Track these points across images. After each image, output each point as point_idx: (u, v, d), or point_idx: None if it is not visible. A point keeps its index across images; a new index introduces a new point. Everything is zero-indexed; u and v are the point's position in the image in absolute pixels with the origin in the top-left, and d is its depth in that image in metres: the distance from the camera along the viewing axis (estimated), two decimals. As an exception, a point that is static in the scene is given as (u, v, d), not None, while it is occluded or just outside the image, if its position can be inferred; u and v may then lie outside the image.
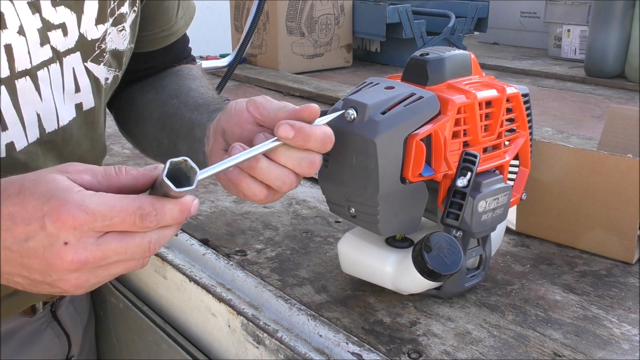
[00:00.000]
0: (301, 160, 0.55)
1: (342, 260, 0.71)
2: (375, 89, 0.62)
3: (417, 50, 0.66)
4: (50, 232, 0.45)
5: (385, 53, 2.35)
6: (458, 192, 0.61)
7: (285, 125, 0.54)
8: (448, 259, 0.59)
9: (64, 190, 0.45)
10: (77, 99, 0.66)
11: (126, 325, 0.90)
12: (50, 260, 0.46)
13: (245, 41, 1.34)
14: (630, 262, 0.77)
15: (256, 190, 0.56)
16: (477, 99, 0.62)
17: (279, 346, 0.64)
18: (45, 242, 0.45)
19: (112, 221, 0.45)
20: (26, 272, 0.48)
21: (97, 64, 0.68)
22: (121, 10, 0.69)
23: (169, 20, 0.81)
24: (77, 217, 0.44)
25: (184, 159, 0.46)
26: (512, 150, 0.69)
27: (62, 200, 0.45)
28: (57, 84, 0.64)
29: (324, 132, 0.56)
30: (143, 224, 0.46)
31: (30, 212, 0.45)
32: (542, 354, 0.60)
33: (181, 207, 0.47)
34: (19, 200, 0.46)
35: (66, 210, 0.44)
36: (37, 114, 0.62)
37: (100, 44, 0.67)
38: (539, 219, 0.83)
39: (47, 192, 0.45)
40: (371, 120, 0.58)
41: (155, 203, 0.46)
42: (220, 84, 1.38)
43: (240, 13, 2.25)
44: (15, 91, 0.59)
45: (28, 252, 0.46)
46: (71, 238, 0.45)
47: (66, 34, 0.63)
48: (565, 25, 2.39)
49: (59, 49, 0.63)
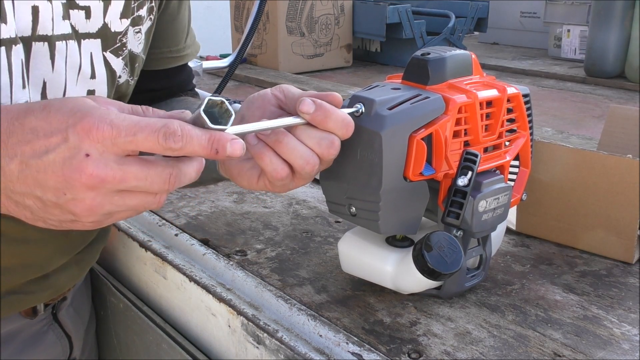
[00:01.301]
0: (321, 139, 0.55)
1: (342, 259, 0.71)
2: (382, 89, 0.63)
3: (418, 50, 0.66)
4: (73, 144, 0.44)
5: (385, 53, 2.35)
6: (459, 191, 0.61)
7: (307, 100, 0.55)
8: (448, 258, 0.59)
9: (91, 106, 0.45)
10: (90, 85, 0.67)
11: (126, 325, 0.90)
12: (68, 175, 0.45)
13: (246, 42, 1.34)
14: (630, 262, 0.77)
15: (278, 166, 0.55)
16: (478, 99, 0.62)
17: (279, 346, 0.64)
18: (66, 154, 0.44)
19: (136, 137, 0.44)
20: (39, 191, 0.46)
21: (116, 57, 0.69)
22: (140, 13, 0.70)
23: (177, 42, 0.83)
24: (100, 129, 0.44)
25: (221, 100, 0.45)
26: (513, 150, 0.69)
27: (87, 113, 0.44)
28: (73, 62, 0.64)
29: (344, 114, 0.56)
30: (167, 144, 0.44)
31: (54, 125, 0.45)
32: (542, 354, 0.60)
33: (211, 137, 0.46)
34: (44, 115, 0.45)
35: (90, 122, 0.44)
36: (43, 80, 0.62)
37: (122, 37, 0.69)
38: (539, 219, 0.83)
39: (74, 107, 0.45)
40: (378, 115, 0.59)
41: (184, 125, 0.45)
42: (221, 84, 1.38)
43: (240, 13, 2.25)
44: (30, 52, 0.60)
45: (45, 166, 0.45)
46: (93, 151, 0.44)
47: (89, 18, 0.65)
48: (565, 25, 2.39)
49: (78, 29, 0.64)
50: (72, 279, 0.79)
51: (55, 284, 0.75)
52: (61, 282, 0.76)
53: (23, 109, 0.47)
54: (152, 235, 0.88)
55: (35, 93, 0.63)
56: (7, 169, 0.46)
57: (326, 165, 0.58)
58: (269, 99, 0.60)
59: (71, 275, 0.78)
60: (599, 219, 0.78)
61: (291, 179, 0.57)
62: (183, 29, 0.84)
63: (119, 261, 0.94)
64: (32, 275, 0.71)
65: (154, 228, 0.90)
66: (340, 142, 0.58)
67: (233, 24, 2.30)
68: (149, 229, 0.90)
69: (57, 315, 0.80)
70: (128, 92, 0.75)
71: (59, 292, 0.78)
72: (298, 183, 0.58)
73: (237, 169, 0.60)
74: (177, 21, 0.82)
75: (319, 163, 0.56)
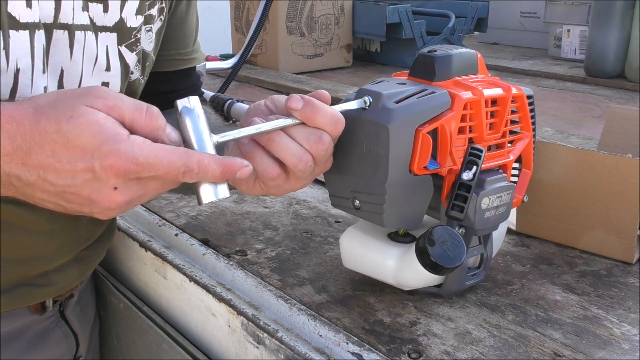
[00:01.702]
0: (309, 134, 0.56)
1: (343, 254, 0.71)
2: (388, 83, 0.63)
3: (425, 47, 0.67)
4: (99, 177, 0.48)
5: (385, 53, 2.35)
6: (463, 185, 0.62)
7: (295, 96, 0.55)
8: (451, 252, 0.59)
9: (114, 139, 0.48)
10: (105, 78, 0.69)
11: (126, 325, 0.90)
12: (95, 199, 0.49)
13: (250, 44, 1.34)
14: (630, 262, 0.77)
15: (269, 165, 0.56)
16: (483, 96, 0.63)
17: (279, 346, 0.64)
18: (94, 185, 0.48)
19: (158, 172, 0.49)
20: (63, 202, 0.50)
21: (131, 51, 0.71)
22: (151, 12, 0.72)
23: (186, 45, 0.85)
24: (128, 168, 0.48)
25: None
26: (516, 150, 0.69)
27: (114, 149, 0.47)
28: (90, 53, 0.66)
29: (334, 111, 0.57)
30: (184, 179, 0.50)
31: (77, 154, 0.48)
32: (542, 354, 0.60)
33: (224, 170, 0.50)
34: (62, 140, 0.47)
35: (117, 161, 0.47)
36: (61, 68, 0.64)
37: (136, 33, 0.71)
38: (539, 219, 0.83)
39: (94, 137, 0.47)
40: (385, 108, 0.59)
41: (202, 162, 0.50)
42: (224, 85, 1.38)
43: (240, 13, 2.25)
44: (51, 39, 0.62)
45: (72, 190, 0.49)
46: (120, 183, 0.49)
47: (106, 12, 0.67)
48: (565, 25, 2.39)
49: (95, 22, 0.66)
50: (79, 275, 0.79)
51: (63, 279, 0.76)
52: (69, 277, 0.77)
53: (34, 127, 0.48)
54: (152, 235, 0.88)
55: (53, 80, 0.64)
56: (27, 180, 0.49)
57: (322, 165, 0.58)
58: (262, 110, 0.61)
59: (78, 272, 0.78)
60: (599, 219, 0.78)
61: (285, 179, 0.57)
62: (191, 33, 0.86)
63: (119, 261, 0.94)
64: (39, 268, 0.72)
65: (154, 228, 0.90)
66: (345, 137, 0.58)
67: (233, 24, 2.30)
68: (149, 229, 0.90)
69: (64, 313, 0.81)
70: (138, 91, 0.76)
71: (66, 288, 0.78)
72: (294, 184, 0.58)
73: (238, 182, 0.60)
74: (185, 24, 0.83)
75: (312, 161, 0.56)
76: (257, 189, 0.59)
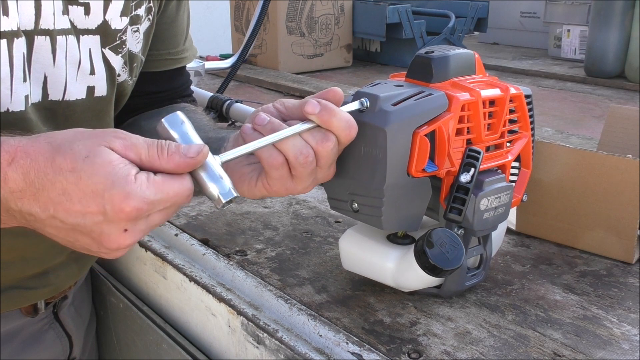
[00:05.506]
0: (315, 132, 0.56)
1: (343, 256, 0.71)
2: (385, 85, 0.63)
3: (422, 49, 0.67)
4: (110, 218, 0.48)
5: (385, 53, 2.35)
6: (461, 188, 0.61)
7: (312, 101, 0.56)
8: (450, 254, 0.59)
9: (125, 181, 0.48)
10: (90, 81, 0.68)
11: (126, 325, 0.90)
12: (103, 241, 0.50)
13: (248, 43, 1.34)
14: (630, 262, 0.77)
15: (274, 151, 0.56)
16: (481, 97, 0.63)
17: (279, 346, 0.64)
18: (104, 227, 0.49)
19: (166, 205, 0.50)
20: (71, 239, 0.51)
21: (116, 54, 0.70)
22: (137, 12, 0.71)
23: (176, 45, 0.84)
24: (140, 209, 0.48)
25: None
26: (514, 150, 0.69)
27: (125, 193, 0.47)
28: (72, 57, 0.65)
29: (348, 116, 0.57)
30: (189, 202, 0.52)
31: (88, 195, 0.48)
32: (542, 354, 0.60)
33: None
34: (74, 179, 0.48)
35: (128, 204, 0.48)
36: (44, 75, 0.64)
37: (121, 35, 0.69)
38: (539, 219, 0.83)
39: (106, 178, 0.48)
40: (382, 111, 0.59)
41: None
42: (223, 85, 1.38)
43: (240, 13, 2.25)
44: (32, 46, 0.62)
45: (82, 229, 0.49)
46: (130, 225, 0.49)
47: (88, 14, 0.66)
48: (565, 25, 2.39)
49: (76, 25, 0.65)
50: (72, 276, 0.79)
51: (55, 280, 0.75)
52: (61, 279, 0.76)
53: (49, 164, 0.48)
54: (152, 235, 0.88)
55: (37, 87, 0.63)
56: (38, 216, 0.49)
57: (325, 169, 0.58)
58: (271, 112, 0.61)
59: (71, 273, 0.78)
60: (599, 219, 0.78)
61: (288, 172, 0.57)
62: (182, 32, 0.84)
63: (119, 261, 0.94)
64: (30, 270, 0.72)
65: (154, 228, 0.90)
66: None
67: (233, 24, 2.30)
68: (149, 229, 0.90)
69: (58, 315, 0.81)
70: (127, 92, 0.75)
71: (58, 289, 0.78)
72: (296, 183, 0.58)
73: (239, 174, 0.60)
74: (175, 23, 0.82)
75: (314, 156, 0.56)
76: (259, 187, 0.59)
